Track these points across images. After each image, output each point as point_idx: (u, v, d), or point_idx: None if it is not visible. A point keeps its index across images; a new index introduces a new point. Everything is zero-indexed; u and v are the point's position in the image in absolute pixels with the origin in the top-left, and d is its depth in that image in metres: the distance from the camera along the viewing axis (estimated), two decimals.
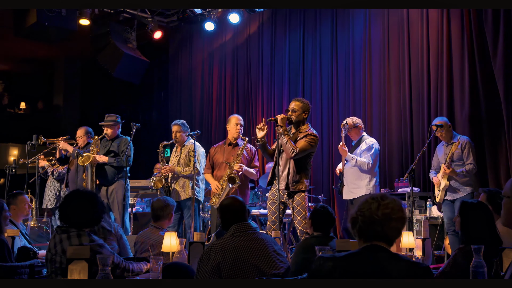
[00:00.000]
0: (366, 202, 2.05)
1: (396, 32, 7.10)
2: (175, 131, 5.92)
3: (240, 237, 2.82)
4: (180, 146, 5.94)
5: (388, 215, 2.00)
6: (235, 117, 5.69)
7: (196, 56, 9.72)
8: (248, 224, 2.91)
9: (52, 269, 2.84)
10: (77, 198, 2.96)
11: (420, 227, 5.82)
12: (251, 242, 2.82)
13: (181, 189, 5.75)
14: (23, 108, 12.12)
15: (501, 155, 6.02)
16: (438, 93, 6.55)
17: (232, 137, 5.60)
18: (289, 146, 4.55)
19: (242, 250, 2.76)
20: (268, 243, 2.88)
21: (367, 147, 5.69)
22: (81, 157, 5.80)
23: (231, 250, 2.74)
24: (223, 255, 2.72)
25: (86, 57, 10.49)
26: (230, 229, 2.88)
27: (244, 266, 2.73)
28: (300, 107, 4.75)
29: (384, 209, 2.00)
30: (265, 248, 2.83)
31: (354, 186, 5.67)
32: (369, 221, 2.01)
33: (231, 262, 2.71)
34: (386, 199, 2.03)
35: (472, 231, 2.91)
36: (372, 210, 2.01)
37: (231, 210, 2.94)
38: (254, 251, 2.79)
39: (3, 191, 6.52)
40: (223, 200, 3.07)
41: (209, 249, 2.79)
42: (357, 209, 2.07)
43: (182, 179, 5.76)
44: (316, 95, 7.91)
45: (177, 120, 6.05)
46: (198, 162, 5.76)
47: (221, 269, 2.70)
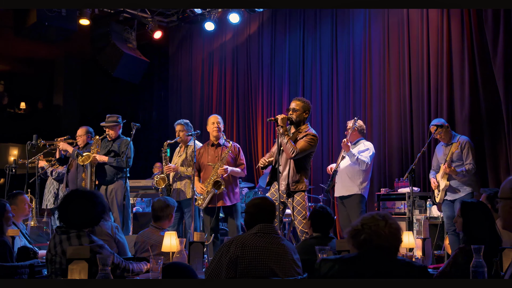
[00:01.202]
0: (373, 218, 2.14)
1: (396, 32, 7.10)
2: (178, 130, 5.91)
3: (263, 238, 2.82)
4: (184, 145, 5.94)
5: (394, 233, 2.12)
6: (211, 117, 5.65)
7: (196, 56, 9.72)
8: (273, 227, 2.91)
9: (52, 269, 2.84)
10: (77, 198, 2.94)
11: (420, 227, 5.82)
12: (273, 245, 2.81)
13: (183, 188, 5.75)
14: (23, 108, 12.12)
15: (501, 155, 6.02)
16: (438, 93, 6.55)
17: (213, 137, 5.58)
18: (289, 146, 4.55)
19: (262, 251, 2.76)
20: (289, 250, 2.86)
21: (365, 148, 5.69)
22: (81, 156, 5.80)
23: (251, 248, 2.75)
24: (242, 251, 2.72)
25: (86, 57, 10.48)
26: (254, 228, 2.87)
27: (260, 267, 2.72)
28: (301, 107, 4.76)
29: (390, 228, 2.12)
30: (285, 254, 2.82)
31: (347, 184, 5.65)
32: (376, 236, 2.09)
33: (248, 260, 2.71)
34: (391, 219, 2.15)
35: (474, 231, 2.92)
36: (380, 227, 2.11)
37: (261, 208, 2.93)
38: (273, 255, 2.78)
39: (3, 191, 6.52)
40: (255, 199, 3.06)
41: (230, 242, 2.79)
42: (362, 223, 2.14)
43: (185, 179, 5.76)
44: (316, 95, 7.91)
45: (180, 120, 6.05)
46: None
47: (238, 264, 2.70)
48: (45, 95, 12.21)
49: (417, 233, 5.77)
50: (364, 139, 5.85)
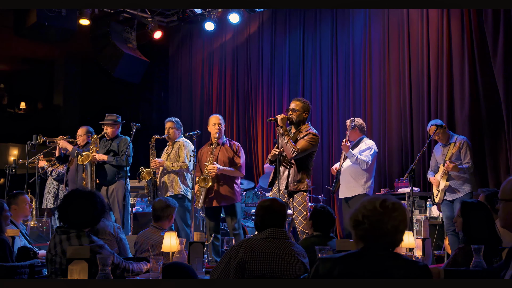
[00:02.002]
0: (376, 210, 1.98)
1: (396, 32, 7.10)
2: (168, 127, 5.92)
3: (273, 243, 2.80)
4: (172, 142, 5.95)
5: (397, 227, 1.98)
6: (212, 117, 5.58)
7: (196, 56, 9.72)
8: (284, 232, 2.88)
9: (52, 269, 2.84)
10: (77, 198, 2.94)
11: (420, 227, 5.82)
12: (282, 250, 2.80)
13: (170, 184, 5.75)
14: (23, 108, 12.13)
15: (501, 155, 6.02)
16: (438, 93, 6.55)
17: (213, 137, 5.57)
18: (289, 146, 4.54)
19: (271, 256, 2.75)
20: (299, 256, 2.85)
21: (367, 147, 5.69)
22: (80, 156, 5.80)
23: (260, 253, 2.73)
24: (251, 256, 2.71)
25: (86, 57, 10.48)
26: (264, 232, 2.84)
27: (268, 273, 2.71)
28: (301, 107, 4.75)
29: (394, 221, 1.97)
30: (294, 260, 2.81)
31: (351, 185, 5.66)
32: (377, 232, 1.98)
33: (257, 266, 2.70)
34: (395, 211, 1.98)
35: (474, 231, 2.92)
36: (384, 221, 1.97)
37: (271, 212, 2.91)
38: (282, 261, 2.77)
39: (3, 191, 6.53)
40: (265, 201, 3.03)
41: (239, 246, 2.78)
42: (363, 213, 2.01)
43: (172, 174, 5.77)
44: (316, 95, 7.91)
45: (171, 117, 6.06)
46: (188, 158, 5.77)
47: (247, 269, 2.69)
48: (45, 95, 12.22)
49: (417, 233, 5.77)
50: (366, 136, 5.86)
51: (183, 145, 5.86)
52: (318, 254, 2.84)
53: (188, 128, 9.23)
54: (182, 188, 5.76)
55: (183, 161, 5.77)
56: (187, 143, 5.89)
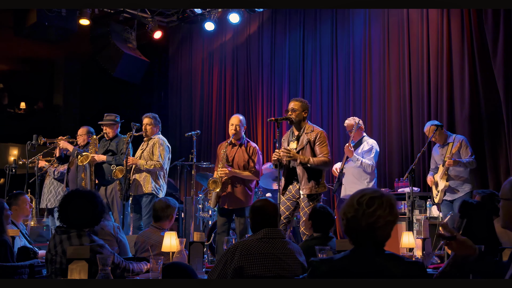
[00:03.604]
0: (352, 206, 1.89)
1: (396, 32, 7.10)
2: (145, 123, 5.82)
3: (268, 244, 2.79)
4: (147, 139, 5.87)
5: (372, 225, 1.86)
6: (232, 117, 5.51)
7: (196, 56, 9.72)
8: (279, 231, 2.87)
9: (52, 269, 2.84)
10: (77, 198, 2.93)
11: (420, 227, 5.82)
12: (279, 250, 2.79)
13: (142, 182, 5.68)
14: (23, 108, 12.13)
15: (501, 155, 6.02)
16: (438, 93, 6.55)
17: (231, 137, 5.53)
18: (320, 163, 4.53)
19: (268, 257, 2.74)
20: (295, 254, 2.84)
21: (369, 148, 5.70)
22: (80, 156, 5.80)
23: (258, 255, 2.72)
24: (248, 259, 2.70)
25: (86, 57, 10.49)
26: (259, 233, 2.84)
27: (267, 274, 2.70)
28: (300, 106, 4.74)
29: (369, 217, 1.85)
30: (291, 259, 2.81)
31: (354, 185, 5.67)
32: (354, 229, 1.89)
33: (254, 268, 2.69)
34: (372, 205, 1.85)
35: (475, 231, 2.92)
36: (358, 217, 1.86)
37: (263, 213, 2.91)
38: (279, 261, 2.76)
39: (3, 191, 6.53)
40: (256, 202, 3.03)
41: (235, 248, 2.76)
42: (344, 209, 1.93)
43: (144, 172, 5.70)
44: (316, 95, 7.91)
45: (149, 113, 5.95)
46: (162, 156, 5.69)
47: (244, 273, 2.68)
48: (45, 95, 12.23)
49: (417, 233, 5.77)
50: (366, 135, 5.88)
51: (158, 143, 5.75)
52: (318, 254, 2.85)
53: (188, 128, 9.25)
54: (153, 186, 5.68)
55: (157, 160, 5.67)
56: (162, 141, 5.78)
